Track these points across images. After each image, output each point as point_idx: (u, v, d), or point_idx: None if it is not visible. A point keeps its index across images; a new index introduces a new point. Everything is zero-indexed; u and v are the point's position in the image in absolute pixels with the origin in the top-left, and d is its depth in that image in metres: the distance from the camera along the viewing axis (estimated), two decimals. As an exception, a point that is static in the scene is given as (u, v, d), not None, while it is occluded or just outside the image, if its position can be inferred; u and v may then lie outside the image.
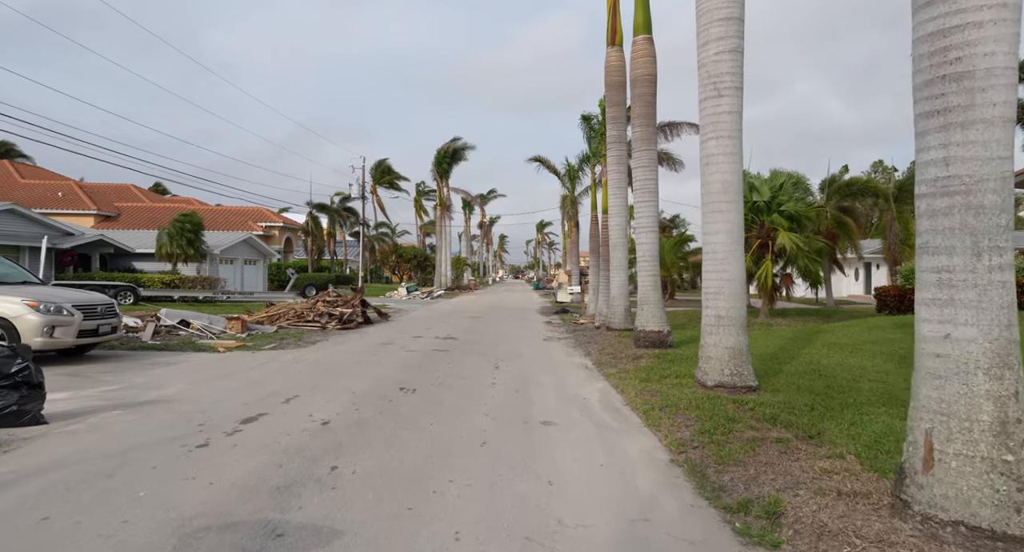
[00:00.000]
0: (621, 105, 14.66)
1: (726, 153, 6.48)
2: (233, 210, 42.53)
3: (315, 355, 10.76)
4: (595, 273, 22.36)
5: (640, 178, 10.89)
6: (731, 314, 6.53)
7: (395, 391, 7.39)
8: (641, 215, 10.93)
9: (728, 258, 6.54)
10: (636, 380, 7.98)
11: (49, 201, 39.26)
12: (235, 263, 30.76)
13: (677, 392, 6.74)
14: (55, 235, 22.80)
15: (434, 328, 16.43)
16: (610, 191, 15.01)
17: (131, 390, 7.24)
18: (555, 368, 9.70)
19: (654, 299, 10.96)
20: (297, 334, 14.19)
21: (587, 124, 22.18)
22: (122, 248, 25.79)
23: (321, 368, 9.23)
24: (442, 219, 46.17)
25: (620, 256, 14.95)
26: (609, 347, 11.93)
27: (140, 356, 10.26)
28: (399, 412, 6.23)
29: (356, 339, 13.59)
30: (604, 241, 18.74)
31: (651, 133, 10.76)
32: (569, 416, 6.26)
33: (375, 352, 11.20)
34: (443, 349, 11.75)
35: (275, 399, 6.81)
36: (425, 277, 60.24)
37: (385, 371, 8.96)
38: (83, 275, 22.71)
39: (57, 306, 8.79)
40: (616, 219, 14.96)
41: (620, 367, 9.42)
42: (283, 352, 11.13)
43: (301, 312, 16.45)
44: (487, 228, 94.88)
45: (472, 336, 14.38)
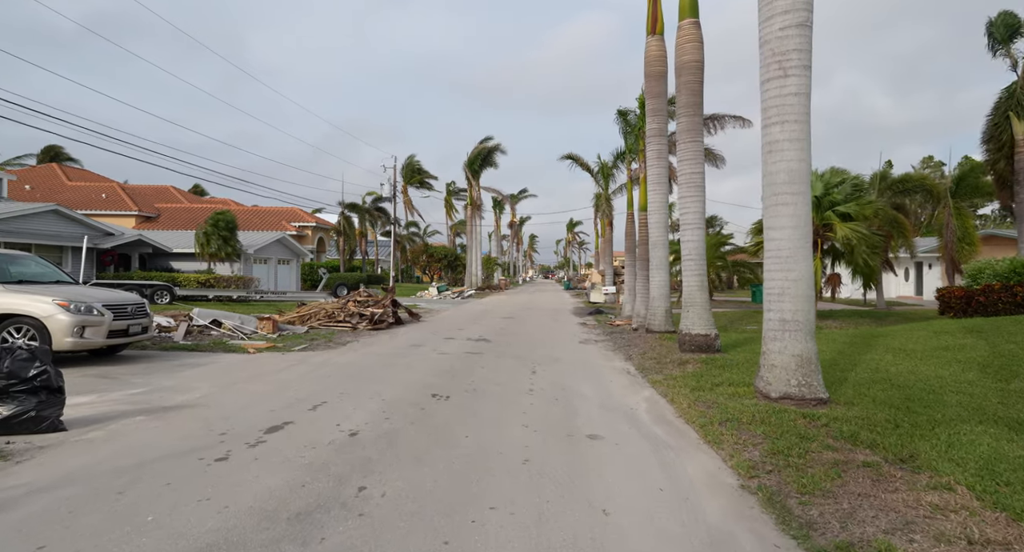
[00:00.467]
0: (661, 97, 13.97)
1: (792, 139, 5.83)
2: (267, 210, 43.09)
3: (345, 357, 10.43)
4: (631, 273, 21.67)
5: (685, 172, 10.24)
6: (798, 318, 5.88)
7: (427, 398, 6.95)
8: (686, 211, 10.27)
9: (794, 256, 5.89)
10: (686, 388, 7.37)
11: (93, 202, 40.44)
12: (269, 263, 31.02)
13: (736, 404, 6.11)
14: (96, 235, 23.26)
15: (466, 329, 16.02)
16: (649, 187, 14.35)
17: (157, 394, 6.98)
18: (595, 374, 9.14)
19: (700, 300, 10.29)
20: (328, 335, 13.95)
21: (623, 119, 21.47)
22: (160, 248, 26.19)
23: (350, 371, 8.87)
24: (472, 218, 45.91)
25: (660, 255, 14.28)
26: (651, 351, 11.30)
27: (171, 357, 10.10)
28: (432, 422, 5.78)
29: (387, 340, 13.27)
30: (642, 240, 18.05)
31: (697, 123, 10.09)
32: (617, 429, 5.71)
33: (406, 354, 10.82)
34: (476, 352, 11.30)
35: (302, 405, 6.45)
36: (455, 277, 60.16)
37: (416, 375, 8.54)
38: (122, 275, 23.10)
39: (88, 306, 8.65)
40: (656, 216, 14.29)
41: (666, 373, 8.80)
42: (313, 354, 10.85)
43: (332, 312, 16.24)
44: (517, 228, 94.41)
45: (505, 338, 13.91)
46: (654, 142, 14.15)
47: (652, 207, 14.32)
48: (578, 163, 28.92)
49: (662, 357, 10.28)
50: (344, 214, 42.19)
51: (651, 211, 14.36)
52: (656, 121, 14.05)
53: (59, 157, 57.85)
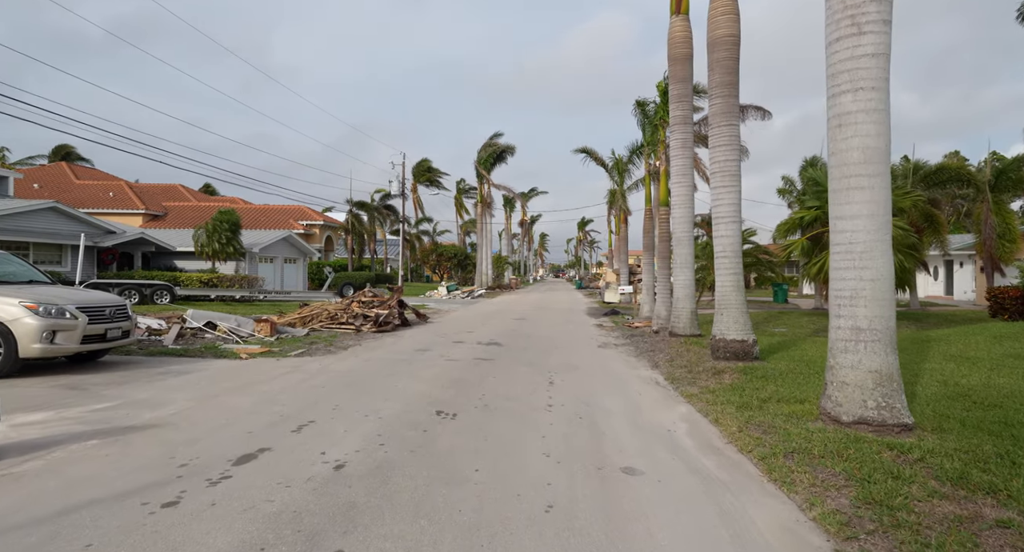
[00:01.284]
0: (687, 81, 12.95)
1: (868, 110, 4.83)
2: (275, 208, 42.46)
3: (344, 364, 9.54)
4: (648, 272, 20.65)
5: (719, 159, 9.24)
6: (876, 326, 4.88)
7: (430, 416, 6.03)
8: (720, 203, 9.26)
9: (870, 251, 4.89)
10: (730, 405, 6.38)
11: (101, 201, 40.04)
12: (275, 262, 30.32)
13: (798, 429, 5.12)
14: (96, 233, 22.63)
15: (476, 331, 15.10)
16: (673, 179, 13.33)
17: (125, 409, 6.13)
18: (620, 384, 8.17)
19: (736, 302, 9.27)
20: (329, 338, 13.09)
21: (641, 110, 20.44)
22: (163, 246, 25.55)
23: (348, 381, 7.97)
24: (483, 216, 45.00)
25: (685, 252, 13.26)
26: (679, 357, 10.30)
27: (155, 363, 9.27)
28: (435, 450, 4.85)
29: (391, 344, 12.37)
30: (663, 236, 17.03)
31: (733, 105, 9.10)
32: (657, 459, 4.74)
33: (411, 361, 9.91)
34: (487, 358, 10.37)
35: (286, 425, 5.55)
36: (466, 276, 59.31)
37: (420, 387, 7.62)
38: (123, 274, 22.46)
39: (59, 308, 7.82)
40: (680, 210, 13.27)
41: (701, 385, 7.81)
42: (310, 360, 9.97)
43: (335, 313, 15.39)
44: (528, 226, 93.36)
45: (518, 341, 12.96)
46: (678, 130, 13.13)
47: (676, 200, 13.30)
48: (592, 157, 27.93)
49: (693, 365, 9.28)
50: (352, 212, 41.45)
51: (675, 205, 13.35)
52: (681, 107, 13.03)
53: (70, 157, 57.78)
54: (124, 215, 38.36)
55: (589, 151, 28.10)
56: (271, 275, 30.02)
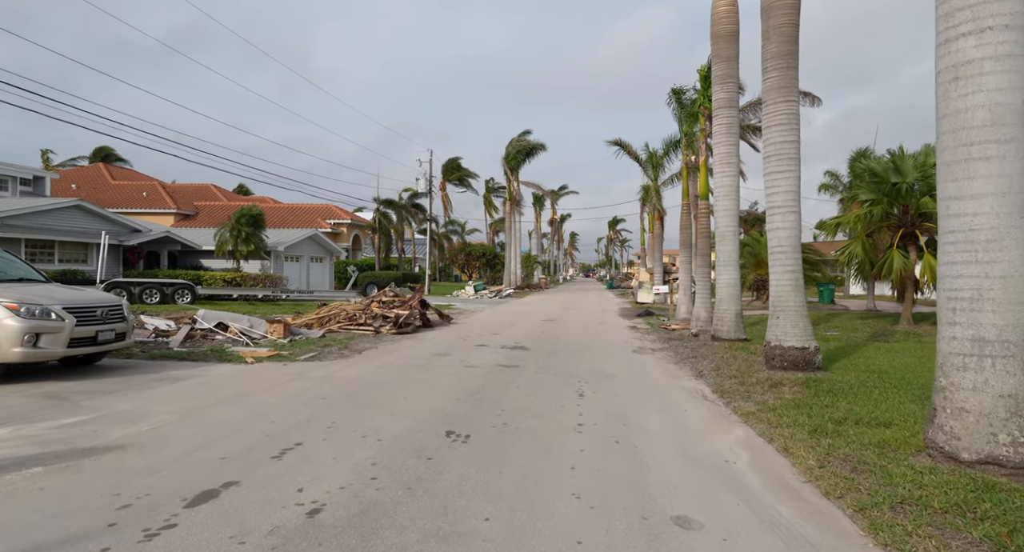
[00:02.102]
0: (732, 61, 11.76)
1: (999, 56, 3.71)
2: (303, 207, 42.41)
3: (354, 370, 8.72)
4: (686, 270, 19.42)
5: (774, 140, 8.08)
6: (1007, 338, 3.76)
7: (439, 438, 5.11)
8: (775, 191, 8.09)
9: (1000, 240, 3.77)
10: (799, 429, 5.29)
11: (134, 201, 40.61)
12: (301, 261, 30.01)
13: (900, 468, 4.02)
14: (122, 232, 22.53)
15: (501, 334, 14.17)
16: (716, 168, 12.16)
17: (95, 425, 5.39)
18: (662, 398, 7.12)
19: (795, 304, 8.09)
20: (344, 340, 12.33)
21: (677, 99, 19.17)
22: (188, 245, 25.40)
23: (353, 391, 7.13)
24: (511, 214, 44.10)
25: (729, 248, 12.07)
26: (726, 365, 9.16)
27: (154, 368, 8.61)
28: (437, 488, 3.92)
29: (409, 347, 11.54)
30: (701, 232, 15.82)
31: (791, 78, 7.92)
32: (717, 503, 3.72)
33: (427, 367, 9.03)
34: (511, 364, 9.42)
35: (267, 449, 4.70)
36: (494, 275, 58.51)
37: (433, 399, 6.72)
38: (147, 273, 22.29)
39: (43, 309, 7.19)
40: (724, 203, 12.08)
41: (758, 400, 6.70)
42: (318, 365, 9.19)
43: (353, 314, 14.67)
44: (558, 225, 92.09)
45: (546, 345, 11.98)
46: (722, 114, 11.94)
47: (719, 192, 12.12)
48: (625, 150, 26.71)
49: (744, 375, 8.14)
50: (380, 210, 41.05)
51: (718, 197, 12.16)
52: (725, 89, 11.84)
53: (109, 158, 59.16)
54: (156, 215, 38.79)
55: (622, 144, 26.90)
56: (297, 274, 29.72)
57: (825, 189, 36.16)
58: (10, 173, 26.39)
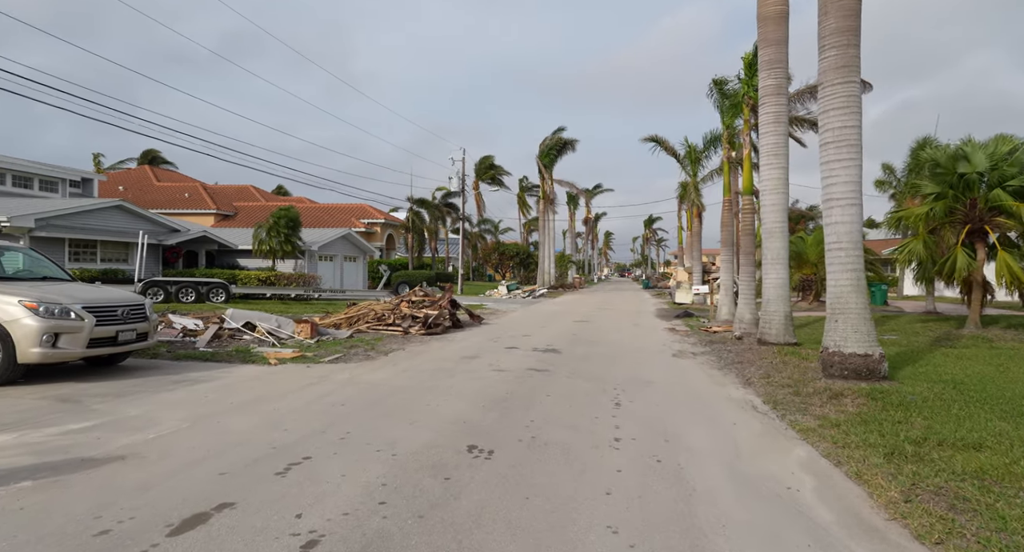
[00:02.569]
0: (781, 44, 10.95)
1: None
2: (337, 207, 42.78)
3: (378, 374, 8.35)
4: (727, 270, 18.52)
5: (833, 126, 7.30)
6: None
7: (459, 455, 4.63)
8: (834, 180, 7.30)
9: None
10: (872, 450, 4.61)
11: (177, 202, 41.70)
12: (334, 260, 30.13)
13: (1013, 509, 3.33)
14: (161, 232, 22.94)
15: (533, 335, 13.66)
16: (763, 160, 11.35)
17: (100, 432, 5.12)
18: (706, 408, 6.48)
19: (857, 306, 7.30)
20: (372, 341, 12.02)
21: (719, 90, 18.27)
22: (225, 245, 25.73)
23: (375, 397, 6.73)
24: (545, 213, 43.51)
25: (777, 246, 11.26)
26: (776, 373, 8.42)
27: (176, 369, 8.43)
28: (453, 516, 3.43)
29: (437, 349, 11.14)
30: (746, 229, 14.98)
31: (853, 57, 7.12)
32: (783, 545, 3.12)
33: (453, 371, 8.59)
34: (542, 368, 8.89)
35: (272, 464, 4.31)
36: (528, 275, 58.02)
37: (457, 407, 6.26)
38: (185, 272, 22.63)
39: (63, 308, 7.03)
40: (772, 197, 11.27)
41: (817, 413, 6.00)
42: (342, 367, 8.86)
43: (382, 314, 14.39)
44: (592, 224, 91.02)
45: (579, 348, 11.40)
46: (770, 102, 11.14)
47: (766, 186, 11.31)
48: (662, 146, 25.84)
49: (798, 384, 7.40)
50: (413, 210, 41.05)
51: (765, 191, 11.35)
52: (773, 76, 11.04)
53: (156, 161, 61.15)
54: (197, 215, 39.72)
55: (658, 140, 26.02)
56: (330, 273, 29.85)
57: (880, 186, 34.45)
58: (60, 175, 27.25)
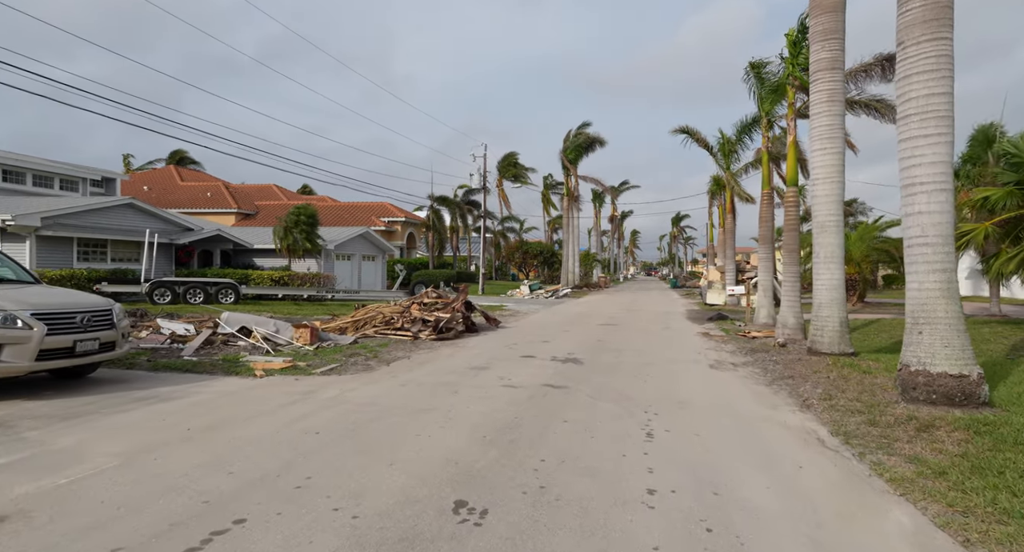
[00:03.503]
0: (838, 11, 9.55)
1: None
2: (357, 206, 42.17)
3: (370, 390, 7.28)
4: (766, 268, 17.05)
5: (915, 94, 5.95)
6: None
7: (442, 517, 3.50)
8: (919, 160, 5.92)
9: None
10: (1011, 518, 3.33)
11: (199, 201, 41.62)
12: (352, 259, 29.38)
13: None
14: (174, 230, 22.42)
15: (553, 341, 12.48)
16: (815, 145, 9.96)
17: (6, 474, 4.14)
18: (759, 441, 5.24)
19: (948, 316, 5.93)
20: (376, 347, 11.01)
21: (756, 74, 16.77)
22: (241, 244, 25.15)
23: (355, 424, 5.66)
24: (569, 210, 42.18)
25: (832, 242, 9.88)
26: (838, 392, 7.09)
27: (148, 382, 7.51)
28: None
29: (445, 357, 10.06)
30: (789, 225, 13.55)
31: (944, 7, 5.75)
32: None
33: (457, 387, 7.48)
34: (559, 385, 7.72)
35: (187, 533, 3.25)
36: (552, 274, 56.71)
37: (451, 440, 5.14)
38: (197, 271, 22.06)
39: (7, 315, 6.14)
40: (825, 187, 9.88)
41: (907, 453, 4.71)
42: (334, 381, 7.83)
43: (390, 317, 13.38)
44: (618, 222, 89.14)
45: (603, 357, 10.18)
46: (824, 79, 9.74)
47: (819, 174, 9.92)
48: (693, 138, 24.34)
49: (872, 409, 6.08)
50: (433, 207, 40.18)
51: (817, 180, 9.96)
52: (828, 47, 9.64)
53: (183, 161, 61.72)
54: (218, 214, 39.52)
55: (690, 131, 24.52)
56: (348, 273, 29.11)
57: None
58: (80, 174, 27.04)
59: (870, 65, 12.68)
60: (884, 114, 15.61)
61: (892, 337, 13.41)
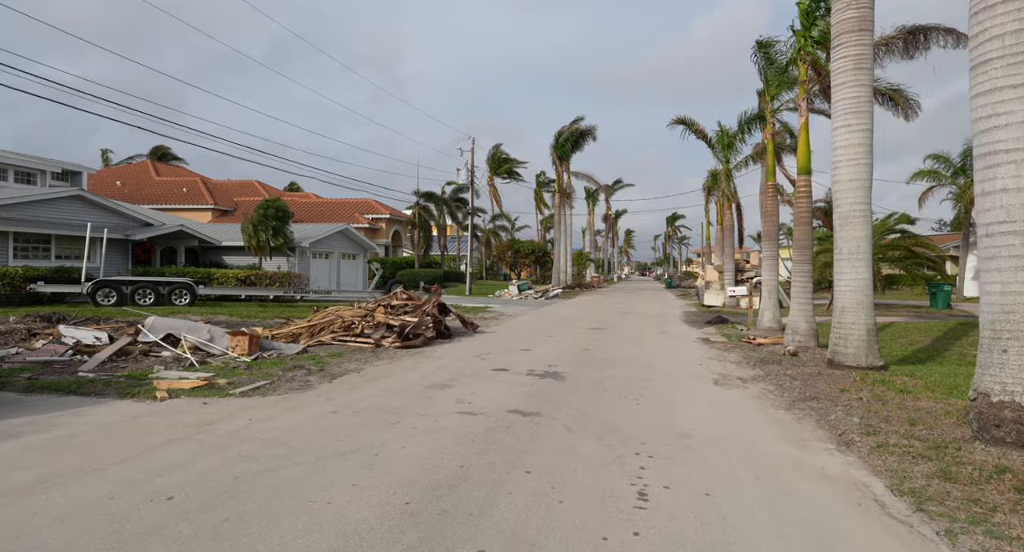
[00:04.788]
0: (865, -40, 8.04)
1: None
2: (340, 202, 40.55)
3: (288, 420, 5.72)
4: (771, 267, 15.57)
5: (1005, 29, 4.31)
6: None
7: None
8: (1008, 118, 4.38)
9: None
10: None
11: (174, 196, 39.88)
12: (330, 258, 27.73)
13: None
14: (130, 225, 20.74)
15: (534, 349, 10.95)
16: (839, 121, 8.47)
17: None
18: (795, 503, 3.73)
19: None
20: (328, 358, 9.47)
21: (763, 54, 15.27)
22: (207, 241, 23.47)
23: (242, 477, 4.10)
24: (561, 208, 40.65)
25: (858, 236, 8.40)
26: (882, 422, 5.58)
27: (14, 410, 5.93)
28: None
29: (404, 371, 8.51)
30: (800, 218, 12.07)
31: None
32: None
33: (401, 415, 5.92)
34: (530, 411, 6.18)
35: None
36: (544, 274, 55.17)
37: (357, 509, 3.59)
38: (153, 270, 20.38)
39: None
40: (850, 170, 8.39)
41: (1016, 533, 3.19)
42: (251, 406, 6.27)
43: (351, 322, 11.80)
44: (612, 221, 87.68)
45: (589, 371, 8.66)
46: (849, 43, 8.25)
47: (843, 155, 8.43)
48: (691, 129, 22.90)
49: (941, 453, 4.57)
50: (420, 204, 38.55)
51: (841, 162, 8.47)
52: (855, 4, 8.16)
53: (165, 157, 59.71)
54: (194, 210, 37.81)
55: (687, 122, 23.06)
56: (325, 272, 27.47)
57: (922, 176, 30.96)
58: (38, 166, 25.21)
59: (891, 39, 11.22)
60: (901, 106, 14.14)
61: (911, 344, 11.98)
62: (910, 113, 14.31)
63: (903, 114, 14.36)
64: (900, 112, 14.41)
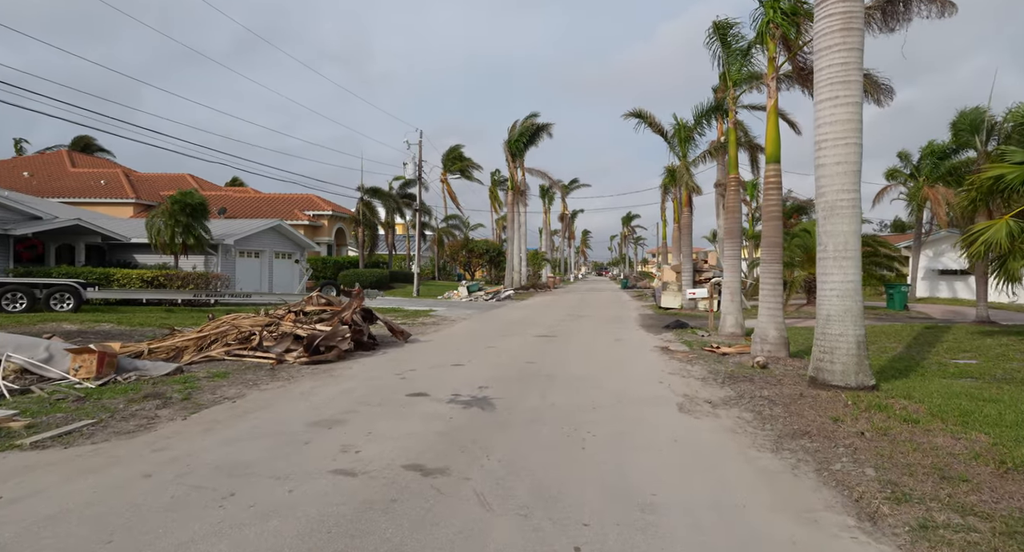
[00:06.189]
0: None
1: None
2: (278, 198, 37.84)
3: (67, 492, 3.84)
4: (733, 267, 14.41)
5: None
6: None
7: None
8: None
9: None
10: None
11: (90, 190, 36.29)
12: (261, 257, 25.26)
13: None
14: (12, 218, 17.92)
15: (467, 364, 9.24)
16: (824, 93, 7.11)
17: None
18: None
19: None
20: (207, 380, 7.53)
21: (720, 37, 14.03)
22: (114, 238, 20.75)
23: None
24: (515, 205, 39.11)
25: (847, 230, 7.06)
26: (903, 472, 4.14)
27: None
28: None
29: (294, 398, 6.66)
30: (769, 213, 10.80)
31: None
32: None
33: (243, 482, 4.12)
34: (436, 468, 4.47)
35: None
36: (499, 274, 53.51)
37: None
38: (38, 271, 17.62)
39: None
40: (838, 151, 7.04)
41: None
42: (36, 462, 4.35)
43: (249, 333, 9.82)
44: (569, 221, 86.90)
45: (528, 396, 7.01)
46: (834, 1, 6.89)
47: (829, 133, 7.07)
48: (647, 122, 21.63)
49: (994, 522, 3.13)
50: (364, 200, 36.23)
51: (827, 141, 7.11)
52: (843, -49, 6.79)
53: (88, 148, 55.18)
54: (113, 205, 34.41)
55: (643, 115, 21.79)
56: (256, 273, 25.00)
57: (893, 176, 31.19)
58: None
59: (870, 9, 10.03)
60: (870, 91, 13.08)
61: (883, 351, 10.87)
62: (882, 99, 13.26)
63: (874, 100, 13.30)
64: (871, 98, 13.36)
